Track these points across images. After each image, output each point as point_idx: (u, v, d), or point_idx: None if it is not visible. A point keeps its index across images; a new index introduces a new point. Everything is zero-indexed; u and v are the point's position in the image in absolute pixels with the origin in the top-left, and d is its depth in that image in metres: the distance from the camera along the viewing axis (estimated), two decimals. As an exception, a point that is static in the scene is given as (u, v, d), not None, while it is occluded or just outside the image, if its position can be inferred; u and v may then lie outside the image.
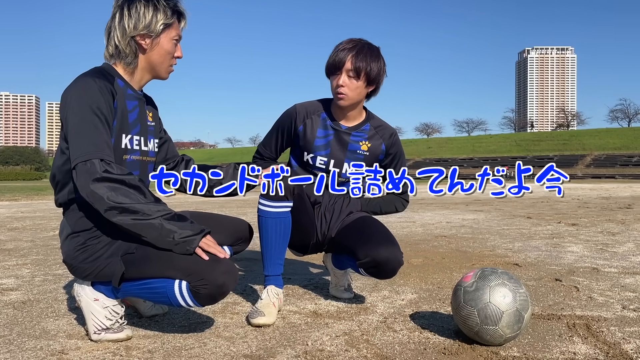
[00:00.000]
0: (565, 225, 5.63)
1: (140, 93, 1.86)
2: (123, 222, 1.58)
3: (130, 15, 1.73)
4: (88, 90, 1.65)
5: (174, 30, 1.82)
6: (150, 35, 1.76)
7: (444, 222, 6.12)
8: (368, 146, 2.23)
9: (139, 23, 1.73)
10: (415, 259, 3.40)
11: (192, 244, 1.60)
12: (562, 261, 3.35)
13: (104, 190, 1.56)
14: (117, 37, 1.75)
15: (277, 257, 2.03)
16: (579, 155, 60.63)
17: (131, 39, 1.75)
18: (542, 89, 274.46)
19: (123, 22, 1.74)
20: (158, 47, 1.79)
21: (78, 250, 1.69)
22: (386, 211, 2.40)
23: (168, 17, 1.78)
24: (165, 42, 1.80)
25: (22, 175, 54.14)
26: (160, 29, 1.77)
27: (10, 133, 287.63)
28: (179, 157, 2.10)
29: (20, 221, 6.26)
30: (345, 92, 2.08)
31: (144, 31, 1.75)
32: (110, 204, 1.56)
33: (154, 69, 1.83)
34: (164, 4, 1.77)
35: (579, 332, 1.85)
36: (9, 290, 2.51)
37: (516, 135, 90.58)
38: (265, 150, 2.31)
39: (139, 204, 1.58)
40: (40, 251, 3.80)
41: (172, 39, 1.82)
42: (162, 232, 1.59)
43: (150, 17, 1.74)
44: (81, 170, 1.58)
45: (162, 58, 1.82)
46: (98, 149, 1.60)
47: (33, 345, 1.69)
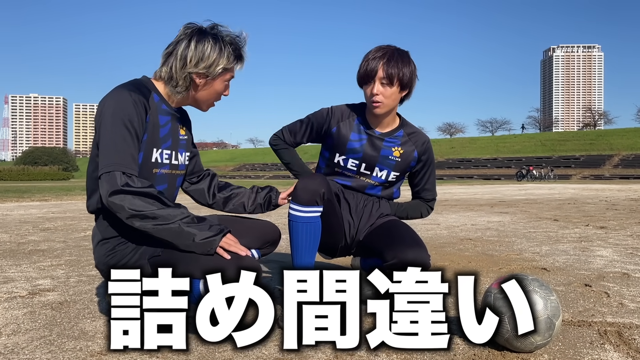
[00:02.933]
0: (593, 228, 5.55)
1: (174, 109, 1.90)
2: (144, 228, 1.65)
3: (195, 49, 1.74)
4: (122, 103, 1.71)
5: (229, 74, 1.84)
6: (207, 76, 1.78)
7: (469, 224, 6.09)
8: (400, 152, 2.25)
9: (201, 62, 1.75)
10: (441, 263, 3.40)
11: (212, 245, 1.66)
12: (592, 266, 3.31)
13: (123, 200, 1.63)
14: (175, 66, 1.77)
15: (307, 260, 2.06)
16: (606, 156, 59.39)
17: (188, 74, 1.77)
18: (567, 87, 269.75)
19: (186, 53, 1.75)
20: (210, 88, 1.83)
21: (108, 255, 1.78)
22: (412, 216, 2.43)
23: (230, 61, 1.79)
24: (218, 84, 1.84)
25: (50, 175, 55.28)
26: (219, 72, 1.79)
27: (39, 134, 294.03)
28: (205, 171, 2.18)
29: (52, 222, 6.42)
30: (380, 100, 2.10)
31: (203, 70, 1.77)
32: (130, 212, 1.63)
33: (197, 102, 1.89)
34: (229, 49, 1.78)
35: (611, 340, 1.83)
36: (46, 291, 2.59)
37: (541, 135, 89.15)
38: (290, 136, 2.36)
39: (158, 210, 1.65)
40: (73, 252, 3.90)
41: (226, 81, 1.85)
42: (182, 235, 1.66)
43: (213, 59, 1.76)
44: (104, 180, 1.65)
45: (210, 96, 1.87)
46: (122, 162, 1.66)
47: (73, 346, 1.75)
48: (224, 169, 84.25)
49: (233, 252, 1.68)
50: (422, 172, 2.34)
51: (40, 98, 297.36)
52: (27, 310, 2.21)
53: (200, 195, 2.14)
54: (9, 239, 4.68)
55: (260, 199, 2.18)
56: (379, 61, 2.08)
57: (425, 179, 2.36)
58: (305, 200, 2.00)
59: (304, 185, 2.02)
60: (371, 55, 2.12)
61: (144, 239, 1.75)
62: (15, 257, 3.68)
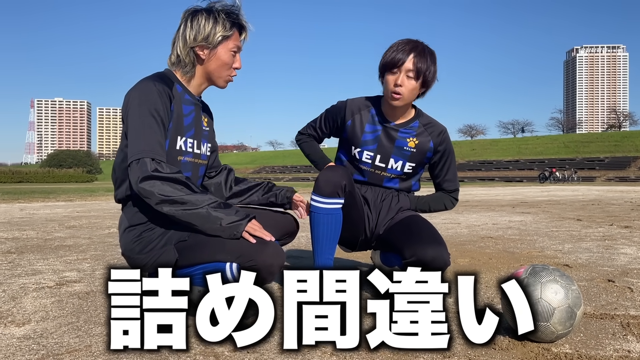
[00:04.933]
0: (617, 228, 5.46)
1: (197, 98, 1.96)
2: (173, 213, 1.71)
3: (191, 27, 1.85)
4: (148, 93, 1.78)
5: (232, 42, 1.91)
6: (208, 47, 1.87)
7: (490, 223, 6.04)
8: (415, 143, 2.25)
9: (199, 35, 1.85)
10: (462, 259, 3.39)
11: (238, 229, 1.71)
12: (615, 262, 3.26)
13: (153, 186, 1.69)
14: (179, 47, 1.88)
15: (328, 252, 2.08)
16: (631, 157, 58.20)
17: (190, 49, 1.87)
18: (591, 88, 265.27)
19: (185, 33, 1.86)
20: (215, 58, 1.90)
21: (135, 242, 1.83)
22: (435, 209, 2.42)
23: (227, 29, 1.87)
24: (222, 54, 1.90)
25: (74, 178, 56.33)
26: (218, 40, 1.87)
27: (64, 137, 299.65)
28: (222, 166, 2.23)
29: (77, 220, 6.55)
30: (402, 92, 2.10)
31: (203, 42, 1.86)
32: (160, 197, 1.69)
33: (211, 77, 1.95)
34: (223, 17, 1.87)
35: (634, 331, 1.82)
36: (72, 282, 2.66)
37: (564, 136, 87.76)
38: (316, 132, 2.41)
39: (187, 196, 1.71)
40: (98, 247, 3.98)
41: (230, 50, 1.91)
42: (209, 219, 1.71)
43: (209, 29, 1.85)
44: (134, 168, 1.71)
45: (219, 68, 1.92)
46: (151, 149, 1.72)
47: (100, 332, 1.80)
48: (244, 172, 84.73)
49: (258, 236, 1.72)
50: (442, 163, 2.34)
51: (65, 102, 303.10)
52: (55, 299, 2.28)
53: (217, 188, 2.19)
54: (36, 236, 4.80)
55: (273, 196, 2.22)
56: (410, 53, 2.08)
57: (445, 169, 2.36)
58: (327, 192, 2.03)
59: (326, 177, 2.04)
60: (400, 46, 2.11)
61: (171, 224, 1.80)
62: (43, 251, 3.77)
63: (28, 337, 1.73)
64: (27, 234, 4.98)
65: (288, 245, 4.05)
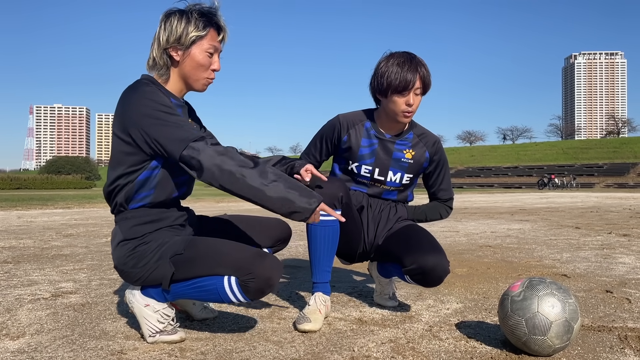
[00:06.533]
0: (616, 236, 5.46)
1: (182, 100, 1.92)
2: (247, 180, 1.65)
3: (164, 28, 1.80)
4: (149, 95, 1.73)
5: (207, 42, 1.83)
6: (181, 47, 1.81)
7: (489, 231, 6.03)
8: (412, 154, 2.26)
9: (171, 36, 1.79)
10: (460, 269, 3.38)
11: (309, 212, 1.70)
12: (613, 272, 3.26)
13: (229, 158, 1.66)
14: (154, 50, 1.82)
15: (325, 264, 2.07)
16: (630, 164, 58.28)
17: (164, 51, 1.81)
18: (590, 95, 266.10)
19: (159, 35, 1.81)
20: (189, 59, 1.82)
21: (128, 256, 1.77)
22: (431, 218, 2.42)
23: (199, 29, 1.81)
24: (196, 54, 1.82)
25: (73, 184, 56.19)
26: (191, 40, 1.80)
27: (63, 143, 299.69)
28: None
29: (74, 228, 6.53)
30: (413, 110, 2.13)
31: (175, 43, 1.80)
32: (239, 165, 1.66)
33: (187, 80, 1.86)
34: (196, 16, 1.81)
35: (631, 345, 1.81)
36: (68, 293, 2.64)
37: (563, 142, 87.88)
38: (309, 159, 2.36)
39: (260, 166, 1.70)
40: (95, 257, 3.97)
41: (205, 50, 1.83)
42: (285, 198, 1.67)
43: (181, 30, 1.79)
44: (200, 149, 1.66)
45: (194, 70, 1.84)
46: (196, 133, 1.70)
47: (94, 346, 1.78)
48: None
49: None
50: (436, 173, 2.34)
51: (64, 108, 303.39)
52: (50, 311, 2.26)
53: None
54: (33, 245, 4.78)
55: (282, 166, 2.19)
56: (415, 72, 2.07)
57: (440, 179, 2.36)
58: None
59: (322, 189, 2.03)
60: (403, 65, 2.08)
61: (166, 238, 1.78)
62: (39, 261, 3.75)
63: (22, 351, 1.72)
64: (24, 242, 4.97)
65: (285, 255, 4.05)
